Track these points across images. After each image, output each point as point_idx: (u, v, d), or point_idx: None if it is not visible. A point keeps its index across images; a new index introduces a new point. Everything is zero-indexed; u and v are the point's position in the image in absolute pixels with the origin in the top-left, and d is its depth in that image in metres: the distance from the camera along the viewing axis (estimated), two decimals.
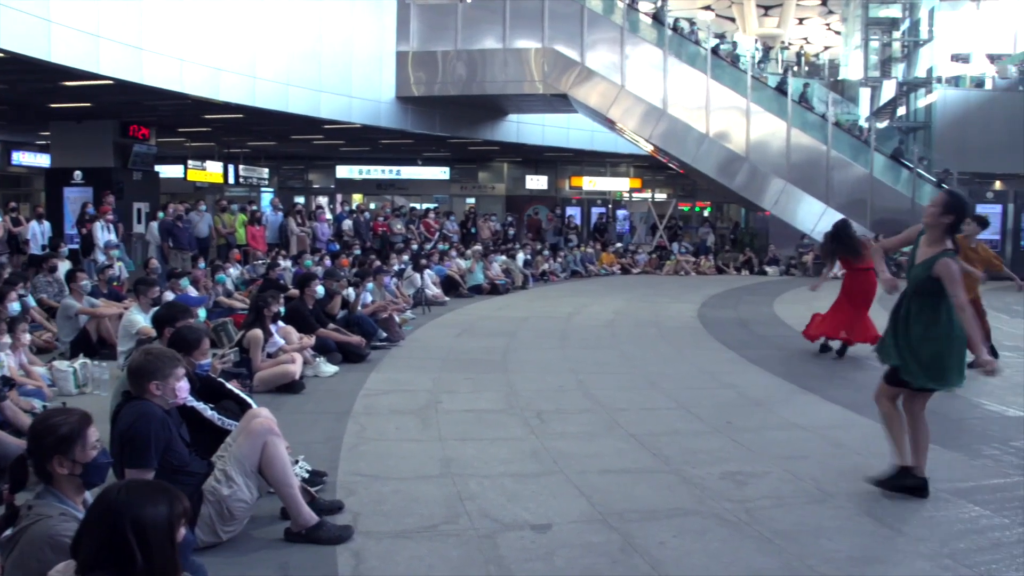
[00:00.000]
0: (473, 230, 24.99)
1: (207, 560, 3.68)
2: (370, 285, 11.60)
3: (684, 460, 5.55)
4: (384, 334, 10.18)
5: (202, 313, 9.55)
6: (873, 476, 4.89)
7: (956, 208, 4.82)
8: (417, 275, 14.41)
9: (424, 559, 3.93)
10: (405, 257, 16.02)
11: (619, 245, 26.91)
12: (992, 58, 33.05)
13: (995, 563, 4.02)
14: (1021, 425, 5.34)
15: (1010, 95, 30.74)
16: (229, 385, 5.22)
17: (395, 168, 36.06)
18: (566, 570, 3.83)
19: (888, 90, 33.27)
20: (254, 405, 4.86)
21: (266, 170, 33.24)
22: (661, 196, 37.68)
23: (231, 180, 30.42)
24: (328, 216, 20.41)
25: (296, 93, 19.41)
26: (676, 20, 24.19)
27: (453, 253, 17.92)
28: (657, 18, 23.88)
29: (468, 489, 4.90)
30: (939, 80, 30.63)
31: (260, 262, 15.37)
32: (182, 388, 4.08)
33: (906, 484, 4.81)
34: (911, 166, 24.84)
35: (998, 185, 28.16)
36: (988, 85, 31.23)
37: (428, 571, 3.82)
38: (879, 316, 8.13)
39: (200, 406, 4.51)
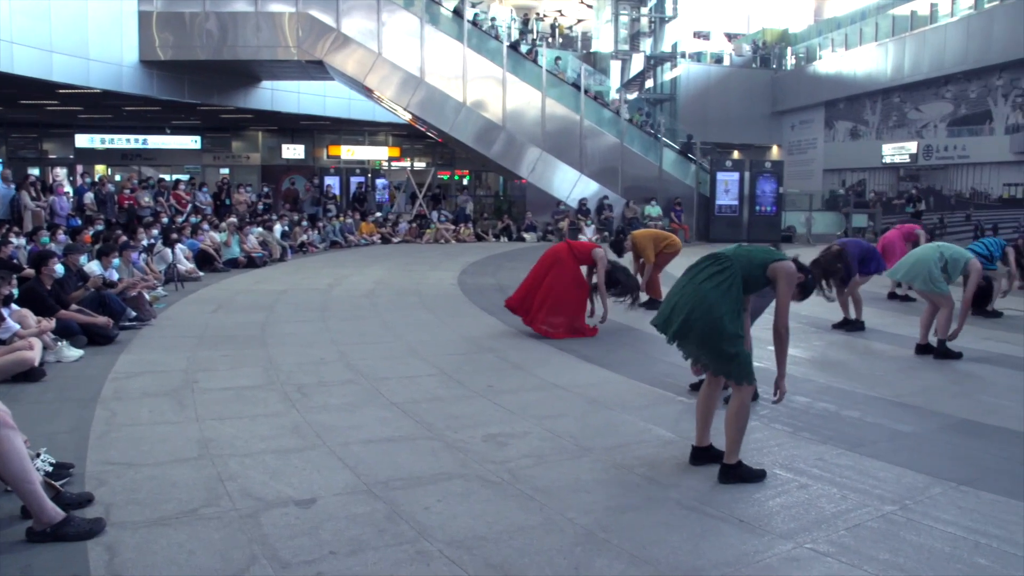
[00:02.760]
0: (227, 201, 24.08)
1: None
2: (116, 261, 10.95)
3: (447, 425, 5.63)
4: (134, 313, 9.65)
5: None
6: None
7: None
8: (168, 250, 13.76)
9: (184, 545, 3.77)
10: (155, 231, 15.20)
11: (379, 214, 26.78)
12: (729, 36, 35.57)
13: (735, 503, 4.35)
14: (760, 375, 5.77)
15: (745, 71, 33.24)
16: None
17: (141, 137, 34.11)
18: (332, 543, 3.79)
19: (637, 63, 34.89)
20: None
21: None
22: (420, 165, 37.83)
23: None
24: (67, 189, 19.05)
25: (22, 53, 17.86)
26: None
27: (206, 226, 17.18)
28: None
29: (228, 469, 4.75)
30: (683, 55, 32.55)
31: None
32: None
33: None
34: (656, 134, 26.19)
35: (736, 155, 30.32)
36: (726, 61, 33.63)
37: (188, 557, 3.67)
38: None
39: None
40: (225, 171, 33.94)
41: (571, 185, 24.38)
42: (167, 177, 27.05)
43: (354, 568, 3.56)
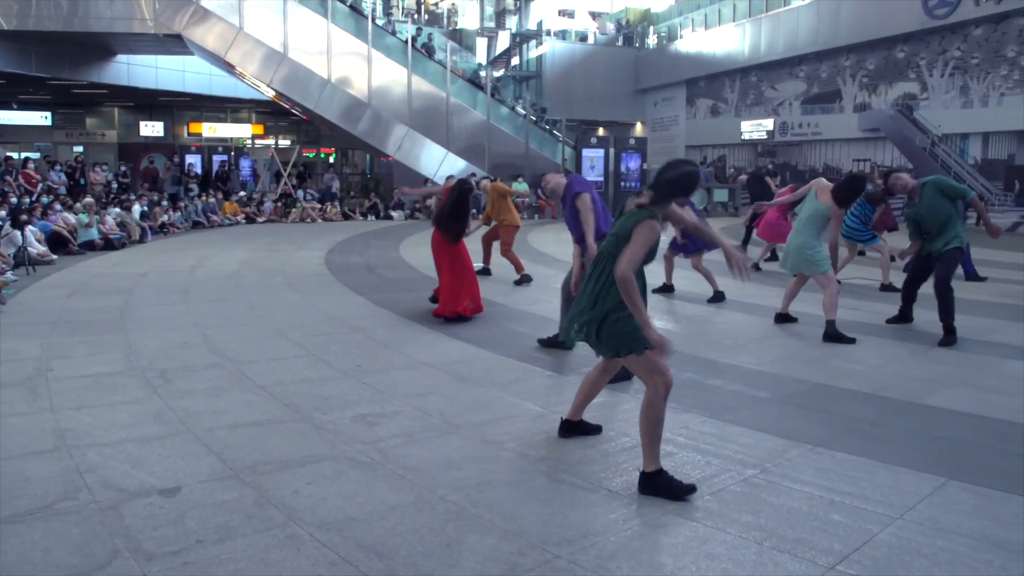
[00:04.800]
0: (82, 181, 23.11)
1: None
2: None
3: (315, 407, 5.58)
4: None
5: None
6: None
7: None
8: (17, 232, 13.12)
9: (39, 543, 3.61)
10: (2, 212, 14.47)
11: (243, 194, 26.13)
12: (594, 15, 36.06)
13: (604, 473, 4.47)
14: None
15: (610, 50, 33.77)
16: None
17: None
18: (199, 532, 3.70)
19: (503, 41, 34.99)
20: None
21: None
22: (285, 143, 37.10)
23: None
24: None
25: None
26: None
27: (58, 207, 16.46)
28: None
29: (87, 460, 4.57)
30: (548, 33, 32.81)
31: None
32: None
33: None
34: (524, 112, 26.37)
35: (601, 132, 30.81)
36: (590, 40, 34.03)
37: (44, 555, 3.51)
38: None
39: None
40: (79, 149, 32.60)
41: (438, 163, 24.32)
42: (15, 155, 25.72)
43: (222, 556, 3.49)
